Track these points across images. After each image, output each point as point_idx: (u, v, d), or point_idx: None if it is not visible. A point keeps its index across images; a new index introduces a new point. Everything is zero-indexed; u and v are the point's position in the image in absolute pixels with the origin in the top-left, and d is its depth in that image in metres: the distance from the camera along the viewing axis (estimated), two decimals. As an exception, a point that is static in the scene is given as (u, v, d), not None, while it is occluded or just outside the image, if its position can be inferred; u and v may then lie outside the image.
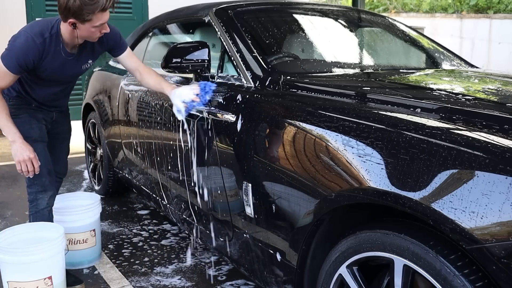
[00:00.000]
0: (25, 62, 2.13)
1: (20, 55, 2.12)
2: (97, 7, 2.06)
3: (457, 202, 1.17)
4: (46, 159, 2.39)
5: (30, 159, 2.22)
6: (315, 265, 1.72)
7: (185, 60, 2.26)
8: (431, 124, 1.35)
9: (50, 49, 2.18)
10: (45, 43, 2.16)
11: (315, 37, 2.59)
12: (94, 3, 2.04)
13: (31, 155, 2.22)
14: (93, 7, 2.04)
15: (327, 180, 1.52)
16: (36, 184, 2.36)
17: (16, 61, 2.12)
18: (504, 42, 12.17)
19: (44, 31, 2.16)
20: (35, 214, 2.41)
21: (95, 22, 2.10)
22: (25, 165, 2.23)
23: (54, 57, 2.21)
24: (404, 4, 15.17)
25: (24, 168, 2.23)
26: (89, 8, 2.04)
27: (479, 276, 1.20)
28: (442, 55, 2.91)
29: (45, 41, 2.15)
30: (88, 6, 2.03)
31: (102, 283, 2.53)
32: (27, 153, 2.21)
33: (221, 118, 2.07)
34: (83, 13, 2.04)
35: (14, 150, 2.22)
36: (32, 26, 2.19)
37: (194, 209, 2.42)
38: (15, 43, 2.15)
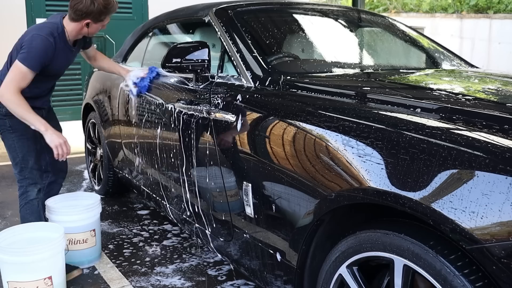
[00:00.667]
0: (45, 60, 2.41)
1: (42, 54, 2.38)
2: (113, 10, 2.51)
3: (457, 202, 1.17)
4: (39, 156, 2.62)
5: (64, 142, 2.48)
6: (315, 265, 1.72)
7: (185, 60, 2.26)
8: (431, 124, 1.35)
9: (60, 46, 2.47)
10: (56, 41, 2.44)
11: (315, 37, 2.59)
12: (111, 6, 2.48)
13: (64, 139, 2.50)
14: (110, 10, 2.49)
15: (327, 180, 1.52)
16: (27, 178, 2.57)
17: (39, 60, 2.38)
18: (504, 42, 12.17)
19: (53, 31, 2.43)
20: (25, 205, 2.59)
21: (105, 21, 2.54)
22: (61, 148, 2.47)
23: (62, 53, 2.51)
24: (404, 4, 15.17)
25: (61, 151, 2.48)
26: (107, 11, 2.48)
27: (479, 276, 1.20)
28: (442, 55, 2.91)
29: (55, 40, 2.44)
30: (107, 9, 2.47)
31: (102, 283, 2.53)
32: (62, 138, 2.48)
33: (221, 118, 2.07)
34: (101, 15, 2.46)
35: (50, 137, 2.46)
36: (41, 28, 2.44)
37: (194, 209, 2.42)
38: (31, 45, 2.38)
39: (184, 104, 2.36)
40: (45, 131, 2.45)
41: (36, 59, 2.37)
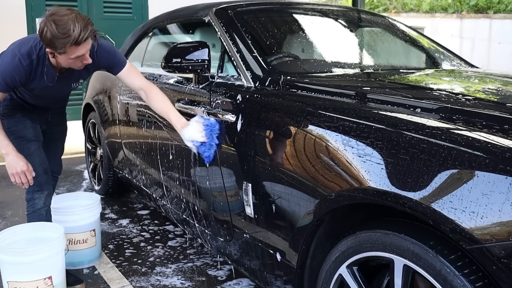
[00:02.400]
0: (12, 82, 2.11)
1: (7, 75, 2.09)
2: (68, 41, 1.94)
3: (457, 202, 1.17)
4: (41, 158, 2.41)
5: (23, 171, 2.24)
6: (315, 265, 1.72)
7: (185, 60, 2.26)
8: (431, 124, 1.35)
9: (38, 70, 2.14)
10: (32, 64, 2.11)
11: (315, 37, 2.59)
12: (66, 37, 1.93)
13: (24, 167, 2.24)
14: (64, 41, 1.94)
15: (327, 180, 1.52)
16: (33, 184, 2.37)
17: (3, 80, 2.09)
18: (504, 42, 12.17)
19: (31, 52, 2.10)
20: (32, 213, 2.44)
21: (70, 55, 2.01)
22: (19, 177, 2.26)
23: (42, 78, 2.18)
24: (404, 4, 15.17)
25: (18, 180, 2.27)
26: (61, 42, 1.94)
27: (479, 276, 1.20)
28: (442, 55, 2.91)
29: (32, 62, 2.11)
30: (60, 40, 1.94)
31: (102, 283, 2.53)
32: (20, 166, 2.23)
33: (221, 118, 2.07)
34: (56, 45, 1.96)
35: (8, 163, 2.24)
36: (21, 45, 2.13)
37: (194, 209, 2.42)
38: (2, 62, 2.11)
39: (184, 104, 2.36)
40: (5, 154, 2.23)
41: (1, 79, 2.09)
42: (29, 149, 2.35)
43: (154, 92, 2.29)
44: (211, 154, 2.11)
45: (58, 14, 1.93)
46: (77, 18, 1.95)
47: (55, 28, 1.91)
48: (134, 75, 2.32)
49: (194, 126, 2.11)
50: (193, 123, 2.12)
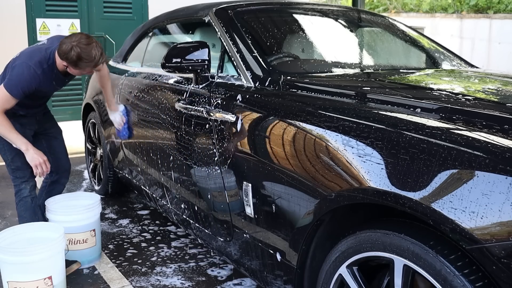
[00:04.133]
0: (28, 90, 2.46)
1: (25, 84, 2.44)
2: (90, 65, 2.46)
3: (457, 202, 1.17)
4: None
5: (44, 161, 2.60)
6: (315, 265, 1.72)
7: (185, 60, 2.26)
8: (431, 124, 1.35)
9: (48, 76, 2.53)
10: (44, 72, 2.50)
11: (315, 37, 2.59)
12: (89, 61, 2.43)
13: (44, 157, 2.61)
14: (87, 64, 2.45)
15: (327, 180, 1.52)
16: (19, 177, 2.69)
17: (22, 89, 2.44)
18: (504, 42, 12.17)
19: (42, 62, 2.49)
20: (19, 202, 2.73)
21: (85, 71, 2.54)
22: (41, 167, 2.59)
23: (50, 80, 2.56)
24: (404, 4, 15.17)
25: (40, 170, 2.60)
26: (84, 64, 2.44)
27: (479, 276, 1.20)
28: (442, 55, 2.91)
29: (44, 71, 2.49)
30: (84, 63, 2.43)
31: (102, 283, 2.53)
32: (41, 157, 2.58)
33: (221, 118, 2.07)
34: (78, 65, 2.44)
35: (30, 157, 2.57)
36: (31, 57, 2.49)
37: (194, 209, 2.42)
38: (18, 73, 2.45)
39: (184, 104, 2.36)
40: (26, 150, 2.55)
41: (19, 89, 2.43)
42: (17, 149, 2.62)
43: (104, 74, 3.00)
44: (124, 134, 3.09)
45: (82, 43, 2.40)
46: (97, 46, 2.44)
47: (80, 53, 2.39)
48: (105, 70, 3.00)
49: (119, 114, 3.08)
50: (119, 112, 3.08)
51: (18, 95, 2.45)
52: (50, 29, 6.62)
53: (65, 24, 6.72)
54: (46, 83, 2.55)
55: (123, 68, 3.53)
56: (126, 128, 3.08)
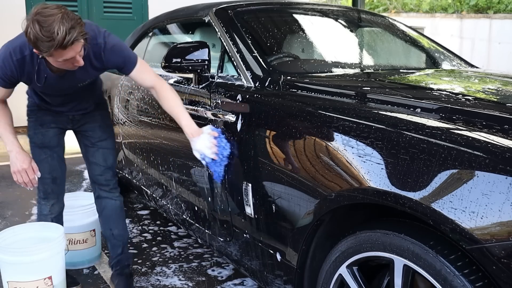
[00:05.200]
0: (5, 77, 1.98)
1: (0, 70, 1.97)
2: (52, 45, 1.74)
3: (457, 202, 1.17)
4: (52, 166, 2.30)
5: (24, 169, 2.12)
6: (315, 265, 1.72)
7: (185, 60, 2.26)
8: (431, 124, 1.35)
9: (30, 66, 1.98)
10: (24, 60, 1.95)
11: (315, 37, 2.59)
12: (49, 40, 1.73)
13: (25, 165, 2.12)
14: (48, 44, 1.74)
15: (327, 180, 1.52)
16: (40, 190, 2.33)
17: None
18: (504, 42, 12.16)
19: (24, 47, 1.94)
20: (38, 217, 2.43)
21: (56, 58, 1.82)
22: (20, 176, 2.13)
23: (38, 75, 2.02)
24: (404, 4, 15.16)
25: (20, 179, 2.14)
26: (44, 45, 1.74)
27: (479, 276, 1.20)
28: (442, 55, 2.91)
29: (24, 58, 1.95)
30: (44, 43, 1.74)
31: (102, 283, 2.53)
32: (21, 164, 2.11)
33: (221, 118, 2.07)
34: (40, 48, 1.76)
35: (11, 160, 2.14)
36: (15, 39, 1.99)
37: (194, 209, 2.42)
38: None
39: (184, 104, 2.36)
40: (9, 151, 2.12)
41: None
42: (40, 155, 2.26)
43: (164, 91, 2.11)
44: (221, 171, 2.02)
45: (43, 14, 1.74)
46: (63, 18, 1.74)
47: (38, 30, 1.72)
48: (145, 73, 2.13)
49: (205, 138, 1.99)
50: (205, 135, 2.01)
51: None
52: (50, 29, 6.62)
53: (65, 24, 6.72)
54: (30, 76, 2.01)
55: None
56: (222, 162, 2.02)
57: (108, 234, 2.47)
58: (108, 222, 2.45)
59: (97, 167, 2.39)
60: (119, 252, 2.48)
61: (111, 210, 2.44)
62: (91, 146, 2.38)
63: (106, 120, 2.43)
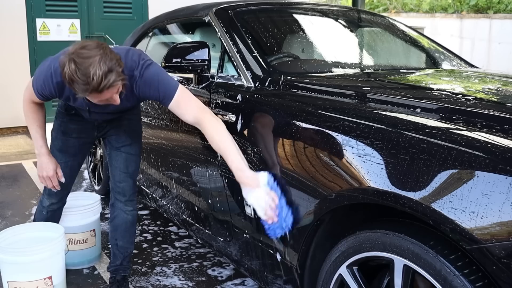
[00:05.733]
0: (43, 93, 1.96)
1: (38, 85, 1.94)
2: (87, 89, 1.70)
3: (457, 202, 1.17)
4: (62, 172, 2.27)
5: (48, 177, 2.18)
6: (315, 265, 1.72)
7: (185, 60, 2.26)
8: (431, 124, 1.35)
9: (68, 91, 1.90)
10: (64, 84, 1.85)
11: (315, 37, 2.59)
12: (84, 84, 1.68)
13: (50, 173, 2.17)
14: (83, 87, 1.70)
15: (327, 180, 1.52)
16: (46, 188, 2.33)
17: (36, 88, 1.96)
18: (504, 42, 12.16)
19: None
20: (38, 206, 2.48)
21: (92, 99, 1.81)
22: (45, 181, 2.20)
23: (76, 99, 1.99)
24: (404, 4, 15.16)
25: (45, 184, 2.22)
26: (80, 87, 1.71)
27: (479, 276, 1.20)
28: (442, 55, 2.91)
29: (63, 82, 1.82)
30: (79, 85, 1.70)
31: (102, 283, 2.53)
32: (47, 171, 2.17)
33: (221, 118, 2.07)
34: (75, 89, 1.73)
35: (39, 165, 2.20)
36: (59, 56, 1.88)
37: (194, 209, 2.42)
38: (39, 70, 1.95)
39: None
40: (38, 154, 2.17)
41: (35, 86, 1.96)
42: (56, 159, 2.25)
43: (207, 128, 1.88)
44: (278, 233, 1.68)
45: (81, 55, 1.69)
46: (101, 61, 1.68)
47: (74, 71, 1.67)
48: (185, 106, 1.93)
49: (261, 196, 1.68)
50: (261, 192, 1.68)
51: (36, 93, 1.97)
52: (50, 29, 6.62)
53: (65, 24, 6.73)
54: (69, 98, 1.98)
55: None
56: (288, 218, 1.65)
57: (113, 243, 2.46)
58: (115, 232, 2.43)
59: (118, 172, 2.33)
60: (118, 263, 2.46)
61: (121, 222, 2.40)
62: (115, 150, 2.31)
63: (133, 125, 2.33)
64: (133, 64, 1.91)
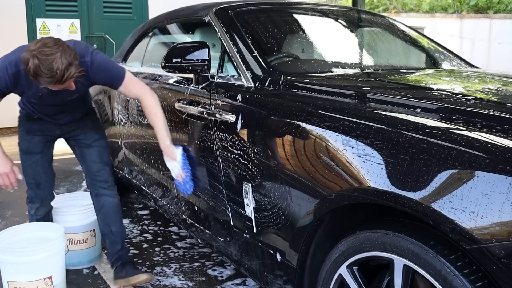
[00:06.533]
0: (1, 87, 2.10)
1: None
2: (51, 81, 1.94)
3: (457, 202, 1.17)
4: (36, 172, 2.43)
5: (5, 173, 2.24)
6: (315, 265, 1.72)
7: (185, 60, 2.26)
8: (431, 124, 1.35)
9: (24, 80, 2.10)
10: (19, 74, 2.07)
11: (315, 37, 2.59)
12: (48, 76, 1.91)
13: (6, 170, 2.24)
14: (47, 80, 1.93)
15: (327, 180, 1.52)
16: (27, 194, 2.49)
17: None
18: (504, 42, 12.16)
19: (21, 61, 2.02)
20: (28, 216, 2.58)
21: (53, 88, 2.01)
22: (1, 179, 2.26)
23: (30, 88, 2.15)
24: (404, 4, 15.16)
25: (1, 181, 2.26)
26: (44, 80, 1.93)
27: (479, 276, 1.20)
28: (442, 55, 2.91)
29: (18, 72, 2.07)
30: (43, 78, 1.92)
31: (102, 283, 2.53)
32: (3, 168, 2.24)
33: (221, 118, 2.07)
34: (39, 81, 1.95)
35: None
36: (13, 53, 2.11)
37: (194, 209, 2.42)
38: None
39: (184, 104, 2.36)
40: None
41: None
42: (26, 161, 2.41)
43: (145, 105, 2.29)
44: (186, 189, 2.30)
45: (43, 52, 1.90)
46: (62, 57, 1.91)
47: (38, 66, 1.89)
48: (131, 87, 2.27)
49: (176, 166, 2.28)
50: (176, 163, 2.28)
51: None
52: (50, 29, 6.63)
53: (65, 24, 6.73)
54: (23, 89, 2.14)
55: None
56: (188, 181, 2.30)
57: (107, 231, 2.51)
58: (107, 219, 2.51)
59: (95, 164, 2.50)
60: (118, 248, 2.51)
61: (109, 207, 2.51)
62: (87, 147, 2.50)
63: (96, 123, 2.59)
64: (82, 51, 2.12)
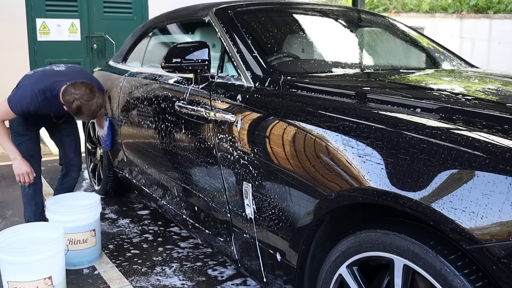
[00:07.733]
0: (26, 110, 2.73)
1: (24, 105, 2.70)
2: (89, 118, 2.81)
3: (457, 202, 1.17)
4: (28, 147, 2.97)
5: (27, 172, 2.86)
6: (315, 265, 1.72)
7: (185, 60, 2.26)
8: (431, 124, 1.35)
9: (49, 103, 2.76)
10: (46, 100, 2.73)
11: (315, 37, 2.59)
12: (88, 115, 2.71)
13: (28, 169, 2.86)
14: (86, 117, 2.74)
15: (327, 180, 1.52)
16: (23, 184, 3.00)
17: (20, 108, 2.71)
18: (504, 42, 12.17)
19: (47, 90, 2.71)
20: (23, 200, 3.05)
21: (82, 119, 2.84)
22: (23, 177, 2.87)
23: (51, 106, 2.79)
24: (404, 4, 15.16)
25: (22, 179, 2.87)
26: (83, 117, 2.73)
27: (479, 276, 1.20)
28: (442, 55, 2.91)
29: (46, 99, 2.73)
30: (83, 116, 2.71)
31: (102, 283, 2.53)
32: (26, 168, 2.85)
33: (221, 118, 2.07)
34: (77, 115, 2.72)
35: (15, 166, 2.85)
36: (37, 82, 2.73)
37: (194, 209, 2.42)
38: (21, 94, 2.71)
39: (184, 104, 2.36)
40: (13, 159, 2.84)
41: (19, 107, 2.70)
42: (20, 140, 2.92)
43: None
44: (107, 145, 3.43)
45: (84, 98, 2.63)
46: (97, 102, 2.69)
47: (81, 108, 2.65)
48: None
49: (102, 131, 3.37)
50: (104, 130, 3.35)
51: (17, 112, 2.72)
52: (50, 29, 6.63)
53: (65, 24, 6.73)
54: (46, 108, 2.77)
55: (123, 68, 3.53)
56: (108, 140, 3.42)
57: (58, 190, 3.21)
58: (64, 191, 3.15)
59: (72, 152, 3.19)
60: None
61: (71, 184, 3.23)
62: (66, 136, 3.17)
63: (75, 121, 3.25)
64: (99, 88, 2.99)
